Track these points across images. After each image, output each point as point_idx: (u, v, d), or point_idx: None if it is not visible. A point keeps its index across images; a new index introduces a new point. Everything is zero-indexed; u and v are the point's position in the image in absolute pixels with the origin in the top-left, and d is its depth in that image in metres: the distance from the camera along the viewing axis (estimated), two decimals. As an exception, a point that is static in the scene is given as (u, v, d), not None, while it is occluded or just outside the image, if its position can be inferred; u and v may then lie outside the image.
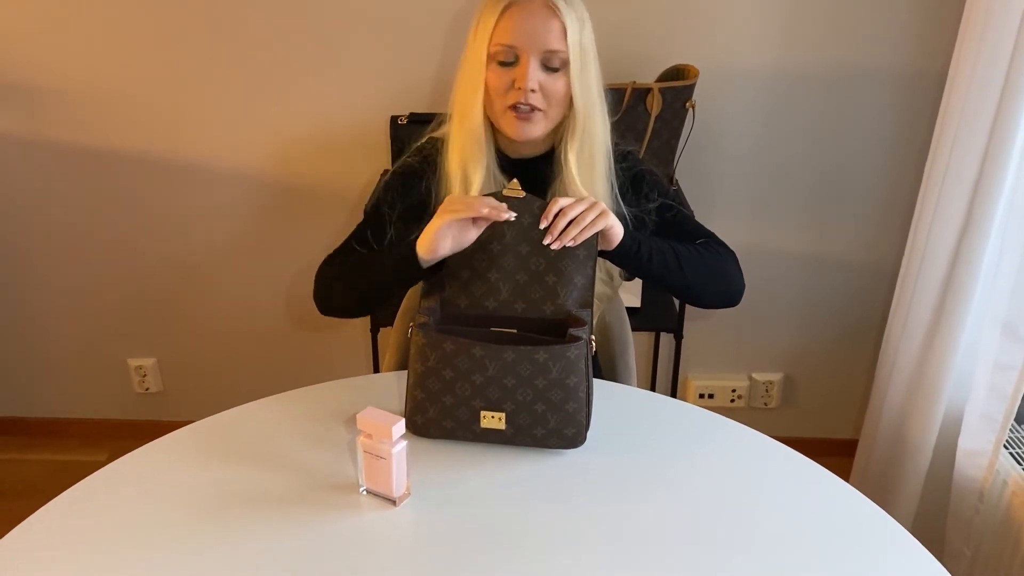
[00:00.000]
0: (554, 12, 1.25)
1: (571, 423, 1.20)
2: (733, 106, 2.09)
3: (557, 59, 1.27)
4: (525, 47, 1.26)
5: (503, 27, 1.26)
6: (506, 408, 1.19)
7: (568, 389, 1.18)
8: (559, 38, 1.26)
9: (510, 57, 1.28)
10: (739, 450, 1.26)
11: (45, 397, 2.50)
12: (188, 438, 1.26)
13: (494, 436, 1.22)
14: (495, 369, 1.17)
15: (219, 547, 1.06)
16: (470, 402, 1.19)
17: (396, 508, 1.13)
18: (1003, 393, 1.63)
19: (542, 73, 1.28)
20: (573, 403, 1.19)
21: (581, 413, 1.20)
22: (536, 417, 1.19)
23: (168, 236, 2.28)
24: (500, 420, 1.20)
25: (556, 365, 1.16)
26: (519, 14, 1.26)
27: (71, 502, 1.14)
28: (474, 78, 1.30)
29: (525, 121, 1.30)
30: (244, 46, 2.07)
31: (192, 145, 2.18)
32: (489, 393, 1.18)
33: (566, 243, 1.22)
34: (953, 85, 1.71)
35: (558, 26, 1.26)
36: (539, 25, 1.25)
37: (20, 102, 2.14)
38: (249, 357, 2.43)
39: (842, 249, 2.23)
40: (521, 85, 1.27)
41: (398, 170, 1.44)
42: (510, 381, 1.17)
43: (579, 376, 1.18)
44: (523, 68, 1.27)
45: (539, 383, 1.17)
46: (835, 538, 1.09)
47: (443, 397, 1.20)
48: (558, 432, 1.21)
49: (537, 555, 1.05)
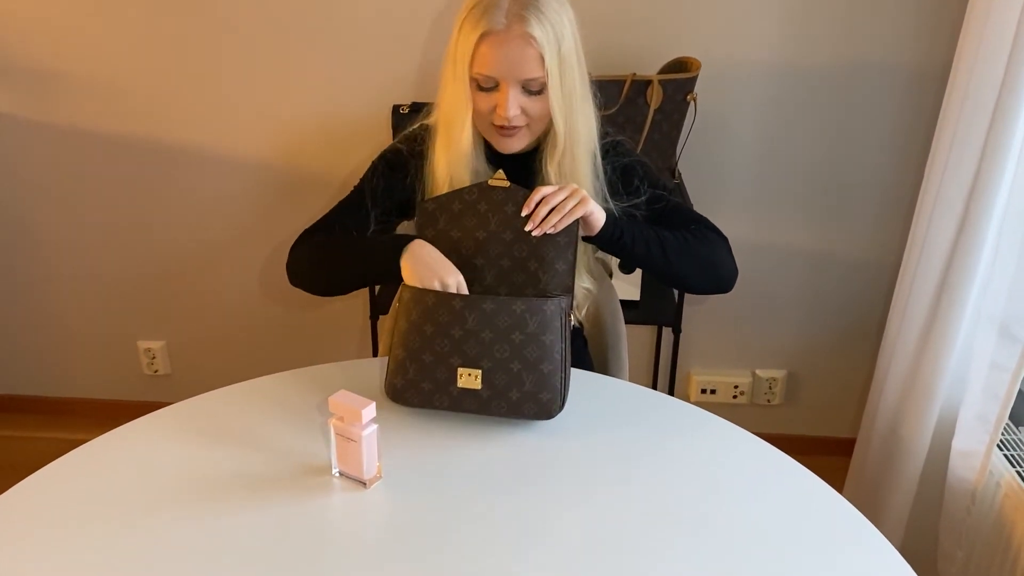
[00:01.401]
0: (528, 41, 1.24)
1: (546, 387, 1.22)
2: (736, 100, 2.08)
3: (536, 84, 1.28)
4: (503, 76, 1.27)
5: (480, 57, 1.26)
6: (483, 365, 1.22)
7: (544, 347, 1.22)
8: (536, 66, 1.26)
9: (490, 84, 1.29)
10: (713, 443, 1.26)
11: (56, 377, 2.55)
12: (169, 418, 1.28)
13: (470, 402, 1.24)
14: (474, 321, 1.21)
15: (188, 525, 1.08)
16: (448, 359, 1.23)
17: (366, 490, 1.14)
18: (997, 394, 1.61)
19: (523, 96, 1.29)
20: (548, 363, 1.22)
21: (556, 378, 1.23)
22: (512, 377, 1.22)
23: (178, 222, 2.32)
24: (476, 378, 1.23)
25: (533, 319, 1.21)
26: (495, 45, 1.25)
27: (48, 477, 1.16)
28: (459, 95, 1.31)
29: (509, 137, 1.34)
30: (252, 37, 2.10)
31: (202, 133, 2.21)
32: (467, 348, 1.22)
33: (547, 230, 1.26)
34: (954, 82, 1.69)
35: (534, 54, 1.25)
36: (515, 56, 1.25)
37: (34, 89, 2.19)
38: (255, 341, 2.46)
39: (846, 245, 2.21)
40: (502, 112, 1.29)
41: (386, 155, 1.46)
42: (487, 335, 1.21)
43: (554, 335, 1.22)
44: (503, 95, 1.28)
45: (516, 337, 1.21)
46: (802, 531, 1.09)
47: (423, 355, 1.24)
48: (533, 396, 1.22)
49: (503, 538, 1.06)
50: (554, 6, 1.26)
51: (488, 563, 1.03)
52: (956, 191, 1.65)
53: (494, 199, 1.29)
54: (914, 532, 1.86)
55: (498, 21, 1.24)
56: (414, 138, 1.45)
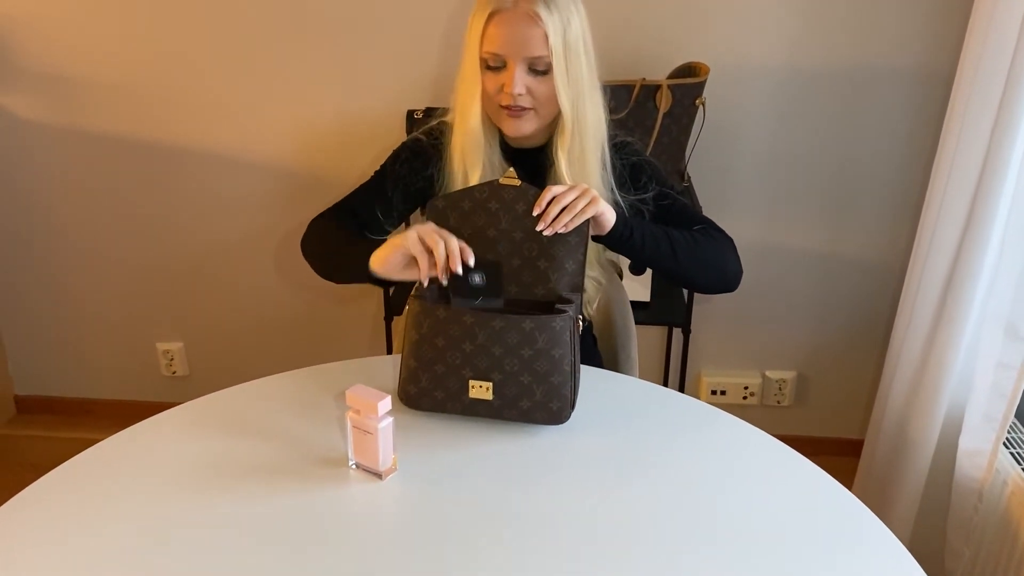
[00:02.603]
0: (534, 20, 1.29)
1: (556, 396, 1.24)
2: (744, 104, 2.11)
3: (542, 63, 1.32)
4: (510, 55, 1.32)
5: (489, 35, 1.32)
6: (494, 378, 1.24)
7: (553, 361, 1.23)
8: (541, 44, 1.30)
9: (498, 63, 1.33)
10: (723, 439, 1.28)
11: (77, 378, 2.60)
12: (187, 413, 1.32)
13: (482, 408, 1.27)
14: (484, 337, 1.22)
15: (206, 514, 1.11)
16: (460, 371, 1.25)
17: (382, 482, 1.17)
18: (1003, 392, 1.63)
19: (529, 76, 1.33)
20: (558, 375, 1.23)
21: (566, 387, 1.24)
22: (522, 388, 1.24)
23: (195, 224, 2.37)
24: (488, 390, 1.25)
25: (542, 335, 1.22)
26: (502, 23, 1.31)
27: (69, 472, 1.19)
28: (471, 82, 1.36)
29: (517, 119, 1.37)
30: (269, 41, 2.14)
31: (219, 136, 2.26)
32: (478, 362, 1.23)
33: (558, 229, 1.27)
34: (958, 85, 1.71)
35: (539, 33, 1.30)
36: (521, 33, 1.30)
37: (56, 92, 2.24)
38: (272, 343, 2.50)
39: (855, 248, 2.23)
40: (509, 90, 1.33)
41: (408, 143, 1.50)
42: (497, 350, 1.22)
43: (564, 348, 1.23)
44: (510, 74, 1.32)
45: (525, 352, 1.22)
46: (810, 527, 1.11)
47: (435, 366, 1.25)
48: (543, 405, 1.25)
49: (516, 531, 1.09)
50: None
51: (500, 555, 1.05)
52: (961, 192, 1.68)
53: (505, 198, 1.30)
54: (922, 530, 1.88)
55: (506, 1, 1.30)
56: (434, 132, 1.49)
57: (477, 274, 1.16)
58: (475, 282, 1.17)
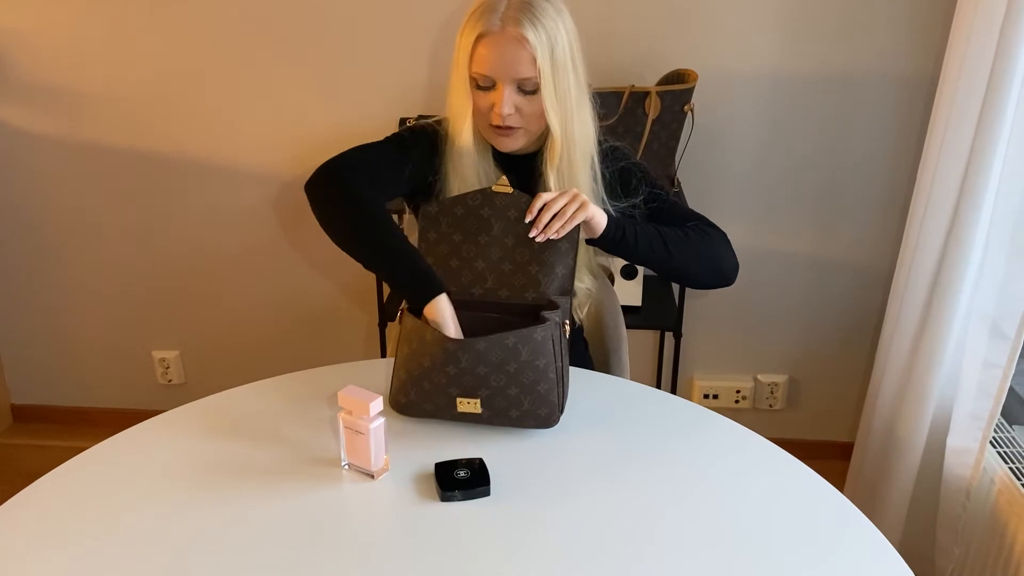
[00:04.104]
0: (521, 43, 1.30)
1: (544, 403, 1.26)
2: (732, 110, 2.13)
3: (530, 83, 1.33)
4: (498, 76, 1.33)
5: (478, 57, 1.32)
6: (481, 395, 1.25)
7: (538, 370, 1.24)
8: (529, 66, 1.31)
9: (488, 83, 1.34)
10: (715, 440, 1.30)
11: (73, 387, 2.61)
12: (182, 416, 1.33)
13: (472, 418, 1.28)
14: (468, 360, 1.23)
15: (200, 515, 1.12)
16: (446, 390, 1.26)
17: (374, 481, 1.19)
18: (989, 391, 1.65)
19: (518, 96, 1.34)
20: (544, 384, 1.25)
21: (553, 393, 1.26)
22: (510, 400, 1.25)
23: (190, 233, 2.39)
24: (476, 405, 1.26)
25: (525, 348, 1.22)
26: (490, 45, 1.31)
27: (64, 475, 1.21)
28: (461, 100, 1.37)
29: (507, 137, 1.39)
30: (263, 54, 2.17)
31: (213, 146, 2.28)
32: (464, 382, 1.24)
33: (550, 236, 1.30)
34: (941, 92, 1.74)
35: (527, 56, 1.30)
36: (509, 56, 1.31)
37: (52, 103, 2.26)
38: (267, 351, 2.52)
39: (845, 252, 2.26)
40: (498, 111, 1.34)
41: (424, 126, 1.48)
42: (482, 369, 1.23)
43: (547, 357, 1.24)
44: (499, 94, 1.33)
45: (510, 367, 1.23)
46: (801, 528, 1.12)
47: (422, 382, 1.26)
48: (532, 413, 1.26)
49: (507, 531, 1.10)
50: (550, 13, 1.31)
51: (491, 555, 1.06)
52: (946, 195, 1.70)
53: (497, 204, 1.33)
54: (912, 529, 1.89)
55: (494, 23, 1.30)
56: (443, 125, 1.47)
57: (462, 469, 1.19)
58: (459, 476, 1.19)
